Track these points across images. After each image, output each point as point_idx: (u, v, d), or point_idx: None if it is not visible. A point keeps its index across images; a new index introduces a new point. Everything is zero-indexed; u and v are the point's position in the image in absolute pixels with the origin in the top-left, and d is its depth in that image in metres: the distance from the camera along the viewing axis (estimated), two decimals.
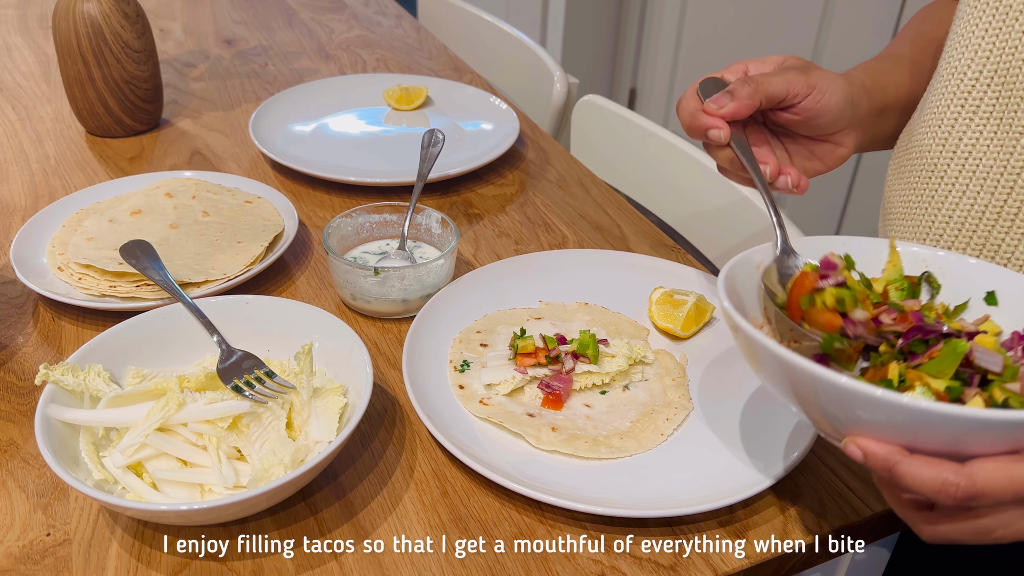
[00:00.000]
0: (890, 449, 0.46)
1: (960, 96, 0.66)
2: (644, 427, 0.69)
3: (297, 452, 0.62)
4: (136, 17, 1.09)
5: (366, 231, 0.90)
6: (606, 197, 1.05)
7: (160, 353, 0.71)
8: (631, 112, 1.18)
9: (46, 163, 1.09)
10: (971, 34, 0.65)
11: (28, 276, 0.81)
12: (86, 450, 0.62)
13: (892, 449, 0.46)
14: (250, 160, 1.12)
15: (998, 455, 0.45)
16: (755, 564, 0.60)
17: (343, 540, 0.61)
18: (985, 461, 0.45)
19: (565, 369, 0.73)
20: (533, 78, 1.42)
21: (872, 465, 0.47)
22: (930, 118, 0.69)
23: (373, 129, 1.19)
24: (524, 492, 0.61)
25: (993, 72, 0.63)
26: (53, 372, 0.63)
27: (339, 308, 0.84)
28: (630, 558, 0.60)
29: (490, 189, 1.07)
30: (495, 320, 0.81)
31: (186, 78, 1.35)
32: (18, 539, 0.60)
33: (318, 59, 1.44)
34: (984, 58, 0.64)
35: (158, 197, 0.95)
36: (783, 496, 0.64)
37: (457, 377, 0.73)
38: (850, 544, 0.64)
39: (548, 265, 0.88)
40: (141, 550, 0.60)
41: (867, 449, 0.47)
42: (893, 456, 0.46)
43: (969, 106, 0.65)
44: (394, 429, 0.70)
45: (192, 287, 0.82)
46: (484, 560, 0.59)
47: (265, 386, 0.65)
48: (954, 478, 0.44)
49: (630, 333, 0.79)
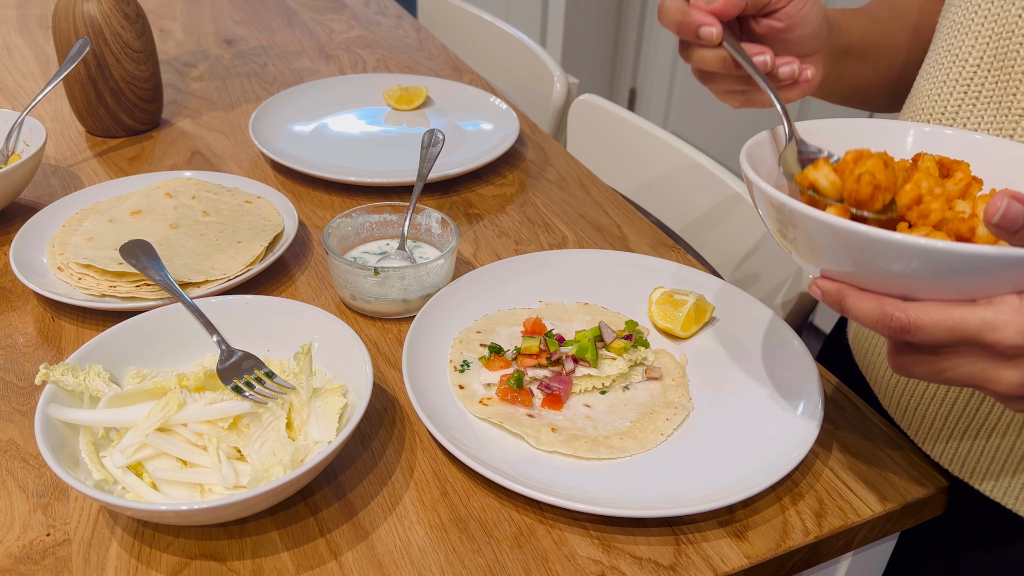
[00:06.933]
0: (840, 286, 0.51)
1: (962, 83, 0.66)
2: (644, 427, 0.69)
3: (297, 452, 0.62)
4: (136, 17, 1.09)
5: (366, 231, 0.91)
6: (606, 197, 1.05)
7: (160, 353, 0.71)
8: (627, 112, 1.18)
9: (46, 163, 1.09)
10: (970, 21, 0.65)
11: (28, 276, 0.81)
12: (86, 450, 0.62)
13: (842, 286, 0.51)
14: (250, 160, 1.12)
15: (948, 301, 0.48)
16: (755, 564, 0.60)
17: (343, 540, 0.61)
18: (927, 301, 0.48)
19: (565, 371, 0.73)
20: (533, 78, 1.42)
21: (826, 300, 0.52)
22: (931, 105, 0.69)
23: (373, 129, 1.19)
24: (524, 492, 0.61)
25: (992, 57, 0.64)
26: (53, 372, 0.63)
27: (339, 308, 0.84)
28: (630, 558, 0.60)
29: (490, 189, 1.07)
30: (495, 320, 0.81)
31: (186, 78, 1.35)
32: (18, 539, 0.60)
33: (318, 59, 1.44)
34: (984, 44, 0.64)
35: (158, 197, 0.95)
36: (783, 496, 0.65)
37: (457, 377, 0.74)
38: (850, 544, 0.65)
39: (548, 265, 0.88)
40: (141, 550, 0.60)
41: (823, 286, 0.52)
42: (843, 291, 0.51)
43: (971, 93, 0.65)
44: (394, 429, 0.70)
45: (192, 287, 0.82)
46: (484, 560, 0.59)
47: (265, 386, 0.65)
48: (891, 308, 0.48)
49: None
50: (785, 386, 0.73)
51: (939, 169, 0.59)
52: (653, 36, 2.86)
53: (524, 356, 0.74)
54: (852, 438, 0.70)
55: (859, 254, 0.48)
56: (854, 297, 0.50)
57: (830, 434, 0.70)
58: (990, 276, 0.46)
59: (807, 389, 0.71)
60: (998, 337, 0.46)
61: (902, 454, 0.69)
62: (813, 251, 0.52)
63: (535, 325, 0.78)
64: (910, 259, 0.46)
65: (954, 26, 0.67)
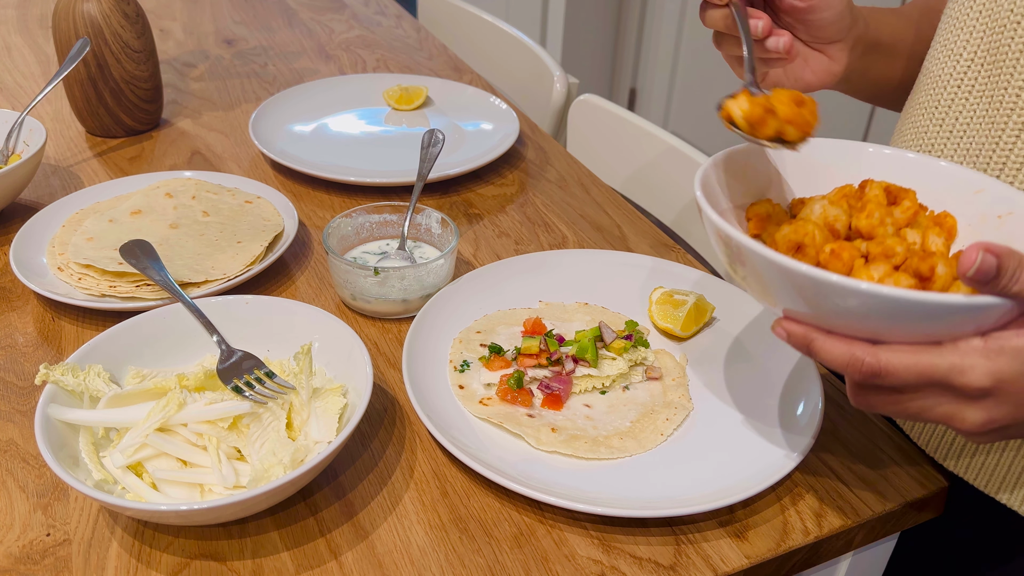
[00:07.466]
0: (807, 328, 0.51)
1: (956, 77, 0.67)
2: (644, 427, 0.69)
3: (297, 452, 0.62)
4: (136, 17, 1.09)
5: (366, 231, 0.91)
6: (606, 197, 1.05)
7: (160, 353, 0.71)
8: (627, 111, 1.18)
9: (45, 163, 1.09)
10: (966, 16, 0.66)
11: (28, 276, 0.81)
12: (86, 450, 0.62)
13: (809, 328, 0.51)
14: (250, 160, 1.12)
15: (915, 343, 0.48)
16: (755, 564, 0.60)
17: (343, 540, 0.61)
18: (895, 345, 0.49)
19: (565, 371, 0.73)
20: (533, 78, 1.42)
21: (793, 343, 0.52)
22: (927, 99, 0.70)
23: (373, 129, 1.19)
24: (524, 492, 0.61)
25: (985, 51, 0.64)
26: (53, 372, 0.63)
27: (339, 308, 0.84)
28: (630, 558, 0.60)
29: (490, 189, 1.07)
30: (495, 320, 0.81)
31: (186, 78, 1.35)
32: (18, 539, 0.60)
33: (318, 59, 1.44)
34: (979, 38, 0.65)
35: (158, 197, 0.95)
36: (783, 496, 0.65)
37: (457, 377, 0.74)
38: (850, 544, 0.65)
39: (548, 265, 0.88)
40: (141, 550, 0.60)
41: (789, 329, 0.52)
42: (810, 334, 0.51)
43: (965, 86, 0.66)
44: (394, 429, 0.70)
45: (192, 287, 0.82)
46: (484, 560, 0.59)
47: (265, 386, 0.65)
48: (861, 353, 0.49)
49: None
50: (785, 386, 0.73)
51: (886, 196, 0.60)
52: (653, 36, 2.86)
53: (524, 356, 0.74)
54: (852, 438, 0.70)
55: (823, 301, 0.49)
56: (821, 341, 0.50)
57: (830, 434, 0.70)
58: (957, 321, 0.47)
59: (807, 389, 0.71)
60: (965, 380, 0.48)
61: (902, 454, 0.69)
62: (766, 293, 0.53)
63: (535, 325, 0.78)
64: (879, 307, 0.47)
65: (951, 21, 0.68)
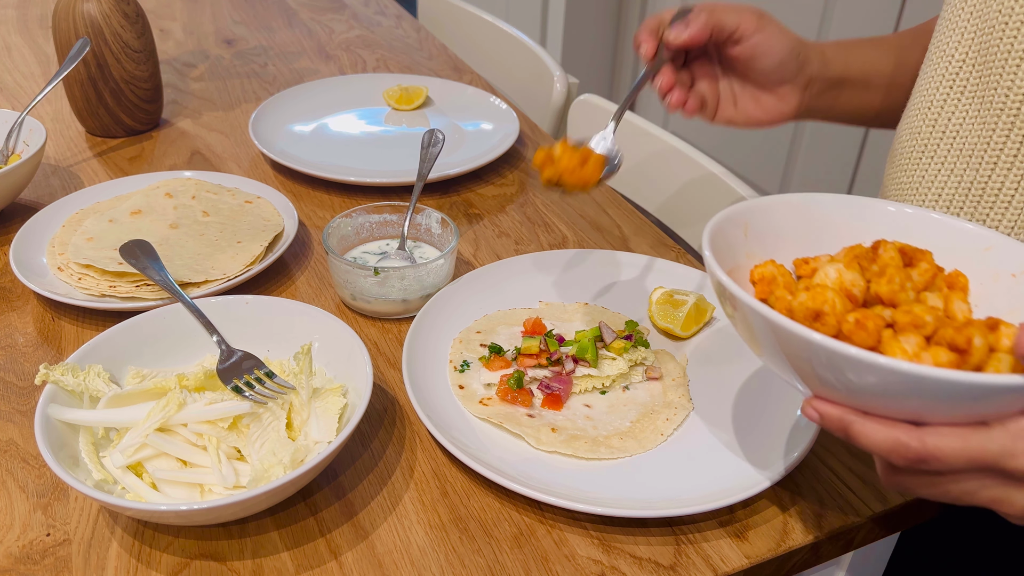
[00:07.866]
0: (843, 410, 0.47)
1: (948, 78, 0.68)
2: (644, 427, 0.69)
3: (297, 452, 0.62)
4: (136, 17, 1.09)
5: (366, 231, 0.90)
6: (606, 197, 1.05)
7: (160, 353, 0.71)
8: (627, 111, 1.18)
9: (45, 163, 1.09)
10: (958, 17, 0.67)
11: (28, 276, 0.81)
12: (86, 450, 0.62)
13: (845, 410, 0.47)
14: (250, 160, 1.12)
15: (959, 424, 0.45)
16: (755, 564, 0.60)
17: (343, 540, 0.61)
18: (941, 426, 0.45)
19: (565, 371, 0.73)
20: (533, 78, 1.42)
21: (828, 426, 0.48)
22: (921, 101, 0.71)
23: (373, 129, 1.19)
24: (524, 492, 0.61)
25: (977, 52, 0.65)
26: (53, 372, 0.63)
27: (339, 308, 0.84)
28: (630, 558, 0.60)
29: (490, 189, 1.07)
30: (495, 320, 0.81)
31: (186, 78, 1.35)
32: (18, 539, 0.60)
33: (318, 59, 1.44)
34: (970, 40, 0.66)
35: (158, 197, 0.95)
36: (783, 496, 0.65)
37: (457, 377, 0.74)
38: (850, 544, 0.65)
39: (548, 265, 0.88)
40: (141, 550, 0.60)
41: (822, 411, 0.48)
42: (847, 416, 0.47)
43: (957, 87, 0.67)
44: (394, 429, 0.70)
45: (192, 287, 0.82)
46: (484, 560, 0.59)
47: (265, 386, 0.65)
48: (906, 438, 0.45)
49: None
50: (785, 386, 0.73)
51: (902, 257, 0.57)
52: None
53: (524, 356, 0.74)
54: None
55: (862, 382, 0.45)
56: (860, 424, 0.46)
57: (830, 434, 0.70)
58: (1008, 401, 0.45)
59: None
60: (1016, 464, 0.45)
61: None
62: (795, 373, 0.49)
63: (535, 325, 0.78)
64: (926, 388, 0.44)
65: (944, 23, 0.69)
